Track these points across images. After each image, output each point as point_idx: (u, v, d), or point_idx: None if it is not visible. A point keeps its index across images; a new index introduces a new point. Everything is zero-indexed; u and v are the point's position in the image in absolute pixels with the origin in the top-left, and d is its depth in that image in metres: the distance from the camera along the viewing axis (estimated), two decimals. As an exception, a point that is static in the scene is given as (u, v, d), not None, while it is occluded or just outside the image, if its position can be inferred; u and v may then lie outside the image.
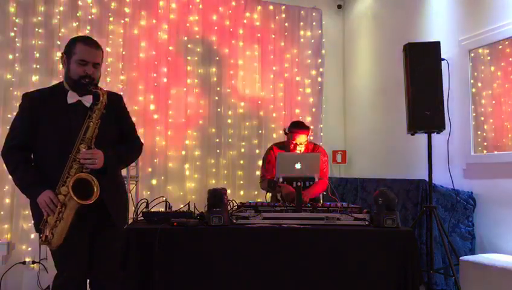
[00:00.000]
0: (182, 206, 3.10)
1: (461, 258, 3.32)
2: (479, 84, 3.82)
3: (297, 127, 3.54)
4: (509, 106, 3.59)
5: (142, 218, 2.94)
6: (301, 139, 3.50)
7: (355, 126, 5.63)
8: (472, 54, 3.84)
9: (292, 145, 3.52)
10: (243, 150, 5.07)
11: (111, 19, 4.62)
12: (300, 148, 3.51)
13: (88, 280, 2.36)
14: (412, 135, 3.48)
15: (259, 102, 5.18)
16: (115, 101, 2.41)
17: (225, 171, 4.99)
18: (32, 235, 4.03)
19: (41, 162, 2.25)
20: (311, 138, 3.87)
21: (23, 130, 2.26)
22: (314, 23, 5.51)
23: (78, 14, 4.49)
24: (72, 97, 2.28)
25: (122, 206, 2.45)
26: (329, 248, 2.70)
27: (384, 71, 5.06)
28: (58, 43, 4.40)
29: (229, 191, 2.92)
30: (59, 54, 4.39)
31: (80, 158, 2.14)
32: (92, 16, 4.54)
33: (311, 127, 3.69)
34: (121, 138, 2.43)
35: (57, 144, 2.20)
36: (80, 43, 2.29)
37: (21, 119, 2.28)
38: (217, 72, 5.03)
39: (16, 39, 4.27)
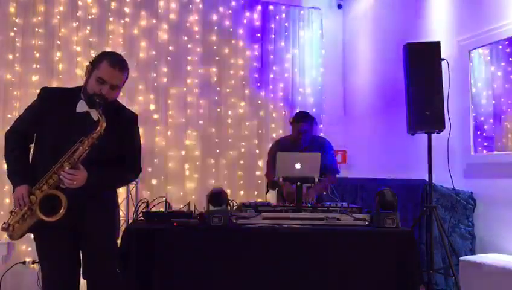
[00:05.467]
0: (182, 206, 3.10)
1: (461, 258, 3.32)
2: (479, 84, 3.82)
3: (297, 116, 3.67)
4: (509, 106, 3.59)
5: (142, 218, 2.94)
6: (303, 127, 3.54)
7: (355, 126, 5.62)
8: (472, 54, 3.84)
9: (296, 133, 3.60)
10: (243, 150, 5.07)
11: (111, 19, 4.63)
12: (305, 137, 3.55)
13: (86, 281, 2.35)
14: (412, 135, 3.48)
15: (259, 102, 5.18)
16: (129, 120, 2.43)
17: (225, 171, 4.99)
18: (32, 235, 4.01)
19: (35, 155, 2.28)
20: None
21: (30, 118, 2.28)
22: (314, 23, 5.51)
23: (78, 14, 4.50)
24: (81, 107, 2.25)
25: (107, 230, 2.32)
26: (329, 248, 2.70)
27: (384, 71, 5.05)
28: (58, 43, 4.41)
29: (229, 191, 2.91)
30: (59, 54, 4.41)
31: (61, 174, 2.11)
32: (92, 16, 4.55)
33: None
34: (121, 157, 2.34)
35: (53, 144, 2.20)
36: (106, 61, 2.21)
37: (33, 108, 2.30)
38: (217, 72, 5.03)
39: (16, 39, 4.27)
